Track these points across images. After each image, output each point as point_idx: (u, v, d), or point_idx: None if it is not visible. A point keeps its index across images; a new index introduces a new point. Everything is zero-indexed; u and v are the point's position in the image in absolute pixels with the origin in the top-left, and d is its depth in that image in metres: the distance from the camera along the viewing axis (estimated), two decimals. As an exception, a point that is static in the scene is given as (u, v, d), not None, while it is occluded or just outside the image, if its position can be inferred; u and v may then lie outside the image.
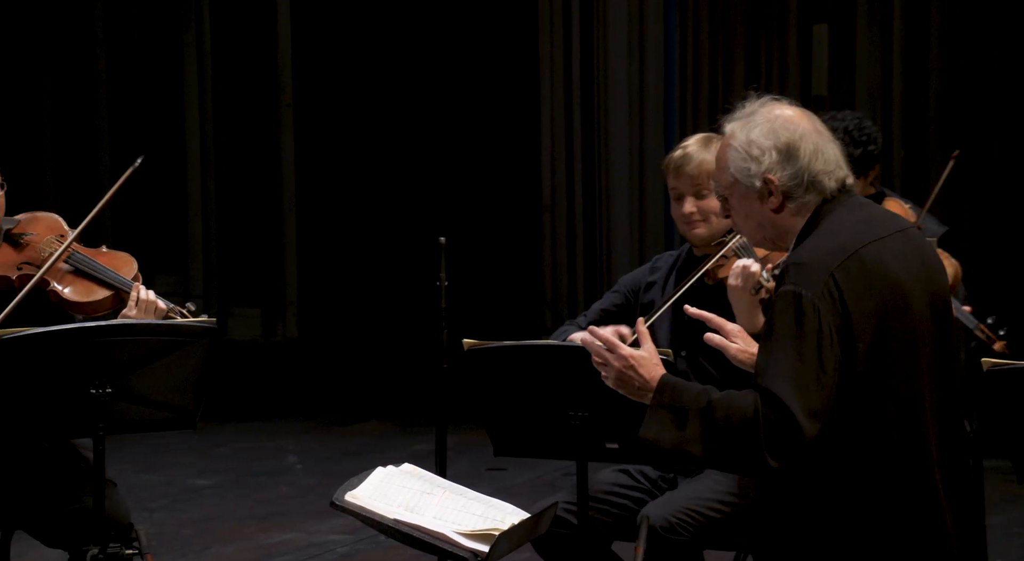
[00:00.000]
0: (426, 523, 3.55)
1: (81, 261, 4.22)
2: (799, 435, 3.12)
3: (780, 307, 3.19)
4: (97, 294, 4.17)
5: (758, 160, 3.30)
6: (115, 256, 4.29)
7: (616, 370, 3.33)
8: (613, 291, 4.36)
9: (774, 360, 3.16)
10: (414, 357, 7.79)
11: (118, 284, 4.19)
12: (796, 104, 3.39)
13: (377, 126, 9.04)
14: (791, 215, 3.31)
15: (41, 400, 3.93)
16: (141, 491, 6.29)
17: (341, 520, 5.32)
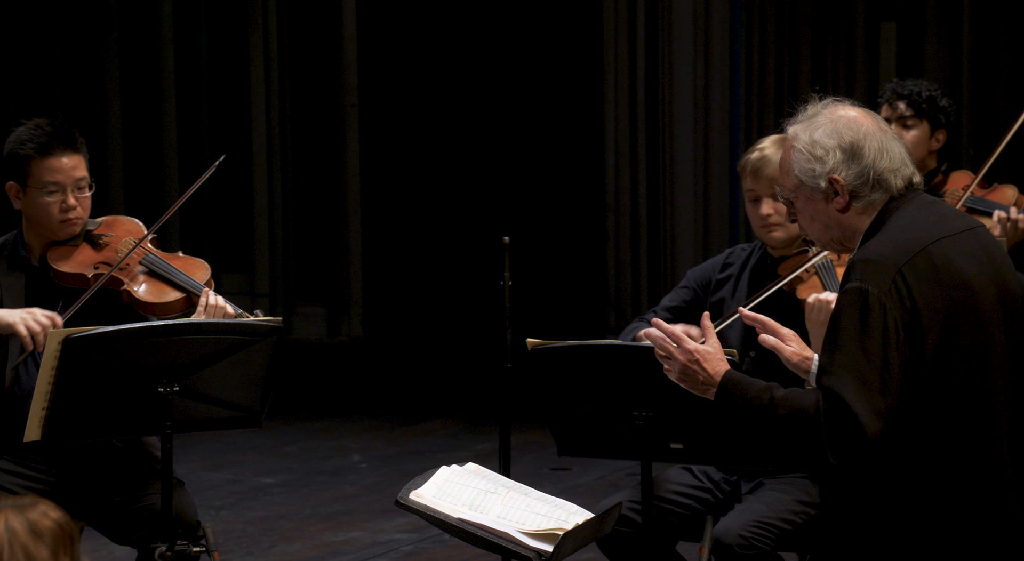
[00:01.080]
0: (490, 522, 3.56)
1: (155, 263, 4.26)
2: (861, 433, 3.10)
3: (846, 304, 3.18)
4: (168, 296, 4.21)
5: (822, 160, 3.29)
6: (189, 260, 4.33)
7: (680, 364, 3.33)
8: (681, 287, 4.34)
9: (838, 357, 3.15)
10: (478, 356, 7.80)
11: (190, 287, 4.22)
12: (859, 104, 3.37)
13: (442, 127, 9.06)
14: (858, 214, 3.30)
15: (110, 398, 3.97)
16: (208, 489, 6.34)
17: (406, 519, 5.34)
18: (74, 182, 4.20)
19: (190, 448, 6.68)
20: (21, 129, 4.25)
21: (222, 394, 4.06)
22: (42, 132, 4.21)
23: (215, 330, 4.03)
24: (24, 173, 4.20)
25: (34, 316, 4.04)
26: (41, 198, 4.19)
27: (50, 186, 4.18)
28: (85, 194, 4.24)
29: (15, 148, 4.22)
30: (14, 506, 2.49)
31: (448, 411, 7.95)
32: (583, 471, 6.70)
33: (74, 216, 4.22)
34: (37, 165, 4.18)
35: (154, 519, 4.06)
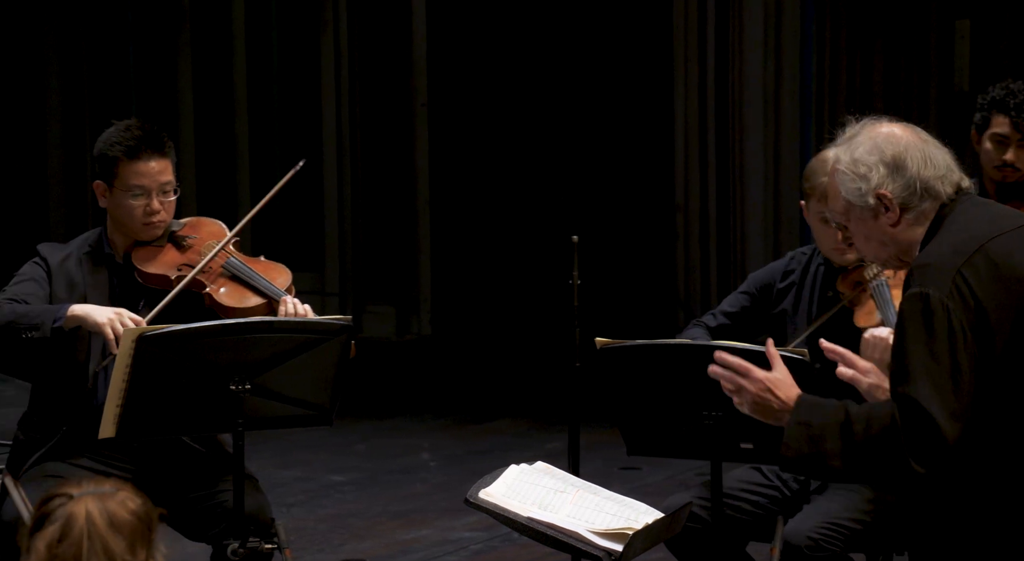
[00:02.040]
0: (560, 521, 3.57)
1: (237, 268, 4.29)
2: (941, 438, 3.08)
3: (908, 310, 3.16)
4: (250, 301, 4.24)
5: (867, 178, 3.28)
6: (271, 266, 4.36)
7: (752, 395, 3.29)
8: (741, 292, 4.30)
9: (907, 364, 3.13)
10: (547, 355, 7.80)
11: (271, 293, 4.25)
12: (897, 120, 3.36)
13: (510, 126, 9.07)
14: (910, 226, 3.28)
15: (183, 395, 4.00)
16: (279, 487, 6.37)
17: (475, 517, 5.34)
18: (159, 186, 4.24)
19: (261, 446, 6.71)
20: (111, 130, 4.29)
21: (293, 392, 4.09)
22: (131, 135, 4.24)
23: (286, 328, 4.05)
24: (111, 174, 4.25)
25: (121, 319, 4.08)
26: (126, 200, 4.24)
27: (136, 189, 4.22)
28: (170, 198, 4.28)
29: (104, 149, 4.26)
30: (95, 493, 2.51)
31: (517, 410, 7.95)
32: (652, 471, 6.69)
33: (157, 220, 4.26)
34: (124, 167, 4.22)
35: (228, 516, 4.09)
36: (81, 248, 4.31)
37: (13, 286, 4.23)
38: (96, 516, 2.48)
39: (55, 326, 4.08)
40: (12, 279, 4.28)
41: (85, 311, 4.11)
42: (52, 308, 4.14)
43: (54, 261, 4.28)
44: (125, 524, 2.49)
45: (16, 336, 4.08)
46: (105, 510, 2.49)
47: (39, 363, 4.18)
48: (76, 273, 4.26)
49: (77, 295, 4.23)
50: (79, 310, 4.11)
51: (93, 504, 2.49)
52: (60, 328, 4.08)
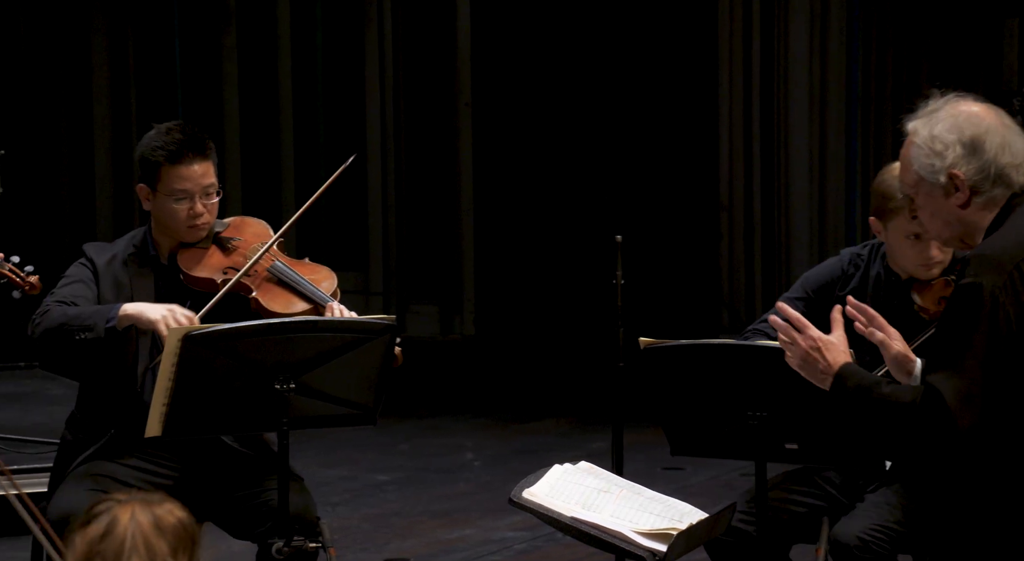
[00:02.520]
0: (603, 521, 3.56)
1: (283, 272, 4.30)
2: (953, 425, 3.08)
3: (958, 298, 3.15)
4: (295, 306, 4.25)
5: (942, 155, 3.25)
6: (316, 269, 4.37)
7: (802, 350, 3.33)
8: (796, 297, 4.19)
9: (944, 353, 3.13)
10: (590, 355, 7.79)
11: (316, 298, 4.26)
12: (982, 100, 3.33)
13: (554, 125, 9.06)
14: (979, 210, 3.26)
15: (228, 394, 4.02)
16: (323, 486, 6.39)
17: (519, 517, 5.34)
18: (202, 189, 4.26)
19: (306, 445, 6.73)
20: (153, 133, 4.30)
21: (337, 391, 4.10)
22: (173, 138, 4.25)
23: (330, 328, 4.06)
24: (154, 178, 4.26)
25: (174, 315, 4.10)
26: (170, 204, 4.25)
27: (179, 193, 4.24)
28: (213, 200, 4.29)
29: (147, 153, 4.28)
30: (143, 500, 2.53)
31: (560, 410, 7.95)
32: (696, 471, 6.67)
33: (201, 222, 4.27)
34: (167, 172, 4.24)
35: (273, 515, 4.10)
36: (126, 249, 4.33)
37: (62, 288, 4.26)
38: (141, 517, 2.50)
39: (108, 326, 4.10)
40: (60, 281, 4.31)
41: (137, 309, 4.13)
42: (104, 308, 4.16)
43: (100, 262, 4.30)
44: (169, 527, 2.51)
45: (69, 338, 4.11)
46: (151, 513, 2.51)
47: (89, 364, 4.20)
48: (122, 274, 4.28)
49: (124, 296, 4.25)
50: (131, 308, 4.13)
51: (139, 507, 2.52)
52: (113, 328, 4.10)
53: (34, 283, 4.50)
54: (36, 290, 4.51)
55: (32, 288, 4.49)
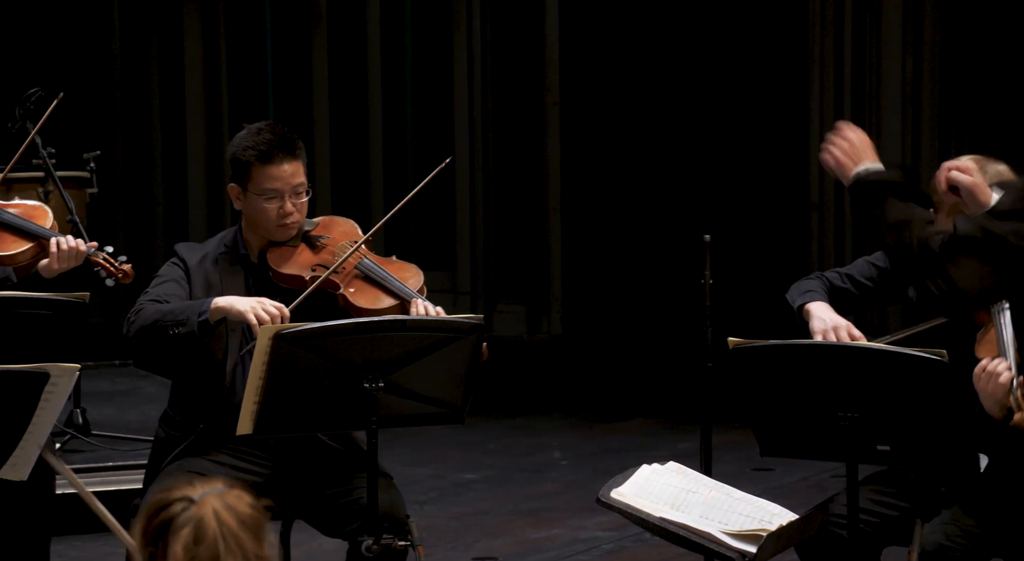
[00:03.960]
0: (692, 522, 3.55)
1: (370, 268, 4.34)
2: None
3: None
4: (383, 302, 4.28)
5: None
6: (403, 266, 4.40)
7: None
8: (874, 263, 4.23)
9: None
10: (679, 355, 7.75)
11: (403, 294, 4.29)
12: None
13: (643, 124, 9.04)
14: None
15: (318, 393, 4.04)
16: (411, 484, 6.41)
17: (606, 517, 5.33)
18: (292, 188, 4.30)
19: (394, 443, 6.76)
20: (243, 133, 4.35)
21: (425, 390, 4.11)
22: (263, 138, 4.30)
23: (418, 327, 4.08)
24: (245, 178, 4.31)
25: (263, 306, 4.16)
26: (260, 203, 4.30)
27: (269, 193, 4.29)
28: (302, 199, 4.34)
29: (237, 153, 4.33)
30: (214, 493, 2.54)
31: (648, 409, 7.92)
32: (786, 472, 6.62)
33: (291, 221, 4.32)
34: (258, 172, 4.29)
35: (362, 513, 4.12)
36: (217, 248, 4.38)
37: (155, 287, 4.32)
38: (224, 515, 2.51)
39: (200, 320, 4.15)
40: (152, 280, 4.37)
41: (228, 302, 4.19)
42: (195, 303, 4.22)
43: (192, 261, 4.36)
44: (248, 519, 2.53)
45: (163, 334, 4.17)
46: (230, 508, 2.52)
47: (181, 360, 4.25)
48: (213, 273, 4.33)
49: (215, 294, 4.30)
50: (222, 302, 4.19)
51: (217, 503, 2.52)
52: (206, 321, 4.16)
53: (127, 271, 4.56)
54: (129, 278, 4.57)
55: (125, 276, 4.56)
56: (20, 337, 4.25)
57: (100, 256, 4.57)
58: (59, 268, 4.51)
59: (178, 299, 4.28)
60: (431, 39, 9.48)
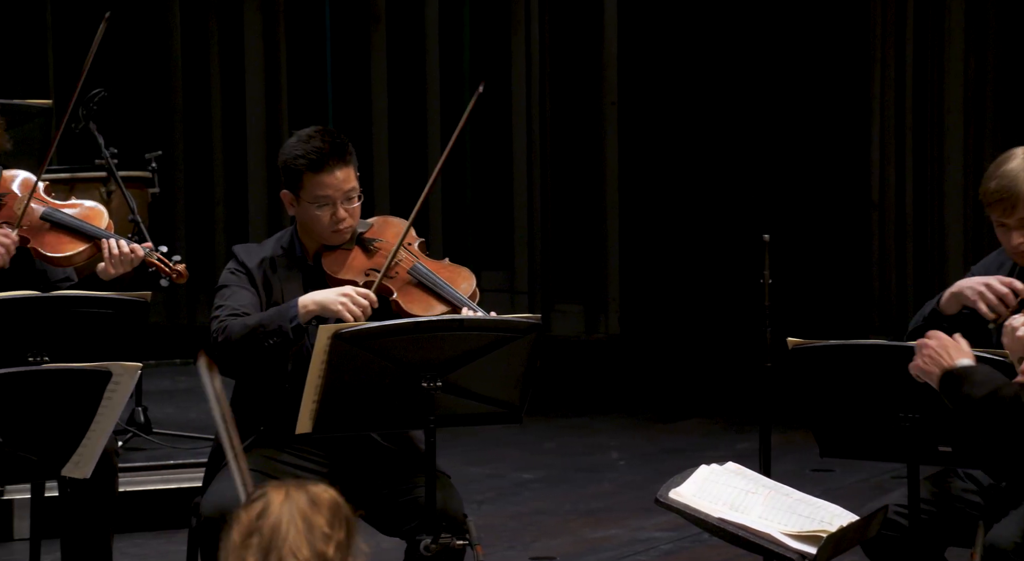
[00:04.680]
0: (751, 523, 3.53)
1: (423, 274, 4.35)
2: None
3: None
4: (435, 309, 4.29)
5: None
6: (456, 271, 4.41)
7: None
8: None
9: None
10: (737, 355, 7.72)
11: (456, 301, 4.30)
12: None
13: (701, 124, 9.01)
14: None
15: (376, 392, 4.06)
16: (470, 483, 6.42)
17: (665, 517, 5.32)
18: (344, 194, 4.32)
19: (451, 442, 6.78)
20: (294, 140, 4.36)
21: (483, 390, 4.12)
22: (314, 146, 4.31)
23: (476, 327, 4.09)
24: (297, 185, 4.33)
25: (353, 299, 4.17)
26: (312, 210, 4.32)
27: (321, 199, 4.31)
28: (355, 204, 4.36)
29: (289, 161, 4.35)
30: (296, 485, 2.57)
31: (706, 410, 7.90)
32: (846, 473, 6.58)
33: (343, 227, 4.34)
34: (309, 179, 4.31)
35: (420, 512, 4.13)
36: (275, 250, 4.41)
37: (228, 300, 4.30)
38: (296, 495, 2.53)
39: (293, 325, 4.16)
40: (219, 292, 4.35)
41: (316, 300, 4.20)
42: (281, 310, 4.22)
43: (251, 264, 4.38)
44: (325, 502, 2.54)
45: (259, 346, 4.17)
46: (305, 491, 2.55)
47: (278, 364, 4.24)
48: (271, 276, 4.36)
49: (273, 297, 4.32)
50: (310, 303, 4.20)
51: (294, 488, 2.55)
52: (299, 325, 4.17)
53: (181, 271, 4.59)
54: (183, 279, 4.60)
55: (179, 276, 4.59)
56: (83, 336, 4.29)
57: (155, 256, 4.60)
58: (114, 272, 4.54)
59: (254, 307, 4.28)
60: (489, 39, 9.49)
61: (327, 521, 2.53)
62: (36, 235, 4.62)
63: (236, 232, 9.33)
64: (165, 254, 4.61)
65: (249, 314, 4.24)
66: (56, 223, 4.64)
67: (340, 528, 2.54)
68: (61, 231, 4.63)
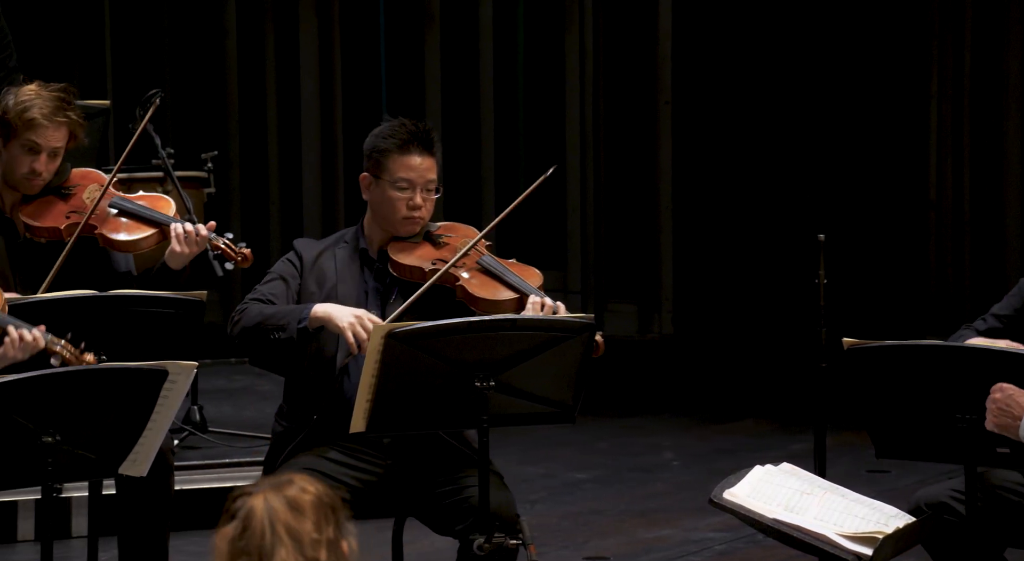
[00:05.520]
0: (806, 524, 3.52)
1: (490, 264, 4.38)
2: None
3: None
4: (501, 294, 4.31)
5: None
6: (524, 268, 4.45)
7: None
8: (1014, 294, 4.14)
9: None
10: (792, 355, 7.68)
11: (523, 289, 4.32)
12: None
13: (756, 123, 8.97)
14: None
15: (429, 391, 4.07)
16: (523, 483, 6.42)
17: (719, 517, 5.30)
18: (424, 183, 4.37)
19: (504, 442, 6.78)
20: (384, 125, 4.45)
21: (536, 389, 4.12)
22: (404, 130, 4.40)
23: (529, 326, 4.09)
24: (380, 166, 4.39)
25: (362, 322, 4.19)
26: (391, 192, 4.37)
27: (401, 182, 4.36)
28: (432, 197, 4.39)
29: (376, 142, 4.42)
30: (273, 484, 2.48)
31: (760, 410, 7.87)
32: (902, 474, 6.54)
33: (418, 215, 4.38)
34: (393, 160, 4.37)
35: (473, 511, 4.13)
36: (337, 243, 4.45)
37: (263, 285, 4.38)
38: (276, 503, 2.44)
39: (300, 327, 4.20)
40: (265, 276, 4.43)
41: (327, 313, 4.22)
42: (297, 309, 4.26)
43: (309, 256, 4.41)
44: (306, 504, 2.45)
45: (264, 337, 4.22)
46: (284, 497, 2.45)
47: (289, 359, 4.30)
48: (329, 267, 4.38)
49: (328, 287, 4.35)
50: (321, 312, 4.23)
51: (271, 493, 2.46)
52: (305, 329, 4.20)
53: (247, 255, 4.63)
54: (248, 262, 4.64)
55: (244, 260, 4.63)
56: (140, 335, 4.32)
57: (220, 241, 4.64)
58: (182, 252, 4.57)
59: (282, 299, 4.32)
60: (543, 38, 9.49)
61: (314, 524, 2.44)
62: (103, 222, 4.67)
63: (291, 231, 9.37)
64: (230, 240, 4.66)
65: (275, 303, 4.28)
66: (124, 211, 4.69)
67: (328, 524, 2.45)
68: (128, 218, 4.68)
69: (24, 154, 4.59)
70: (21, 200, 4.67)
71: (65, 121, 4.59)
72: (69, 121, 4.60)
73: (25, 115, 4.55)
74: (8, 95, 4.61)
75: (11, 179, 4.64)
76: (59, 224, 4.63)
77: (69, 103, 4.63)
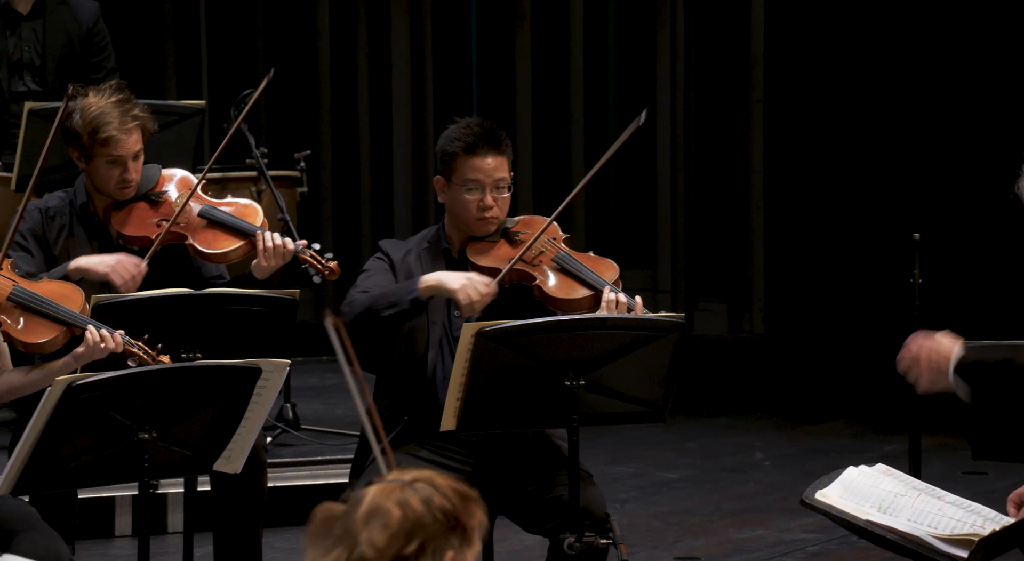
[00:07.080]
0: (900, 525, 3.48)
1: (566, 260, 4.39)
2: None
3: None
4: (577, 292, 4.31)
5: None
6: (599, 261, 4.44)
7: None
8: None
9: None
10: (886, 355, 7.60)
11: (596, 284, 4.31)
12: None
13: (848, 120, 8.90)
14: None
15: (519, 390, 4.07)
16: (613, 482, 6.41)
17: (811, 518, 5.27)
18: (494, 182, 4.37)
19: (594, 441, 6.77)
20: (453, 127, 4.46)
21: (626, 389, 4.11)
22: (471, 132, 4.40)
23: (618, 326, 4.09)
24: (450, 169, 4.41)
25: (474, 284, 4.22)
26: (461, 194, 4.37)
27: (470, 183, 4.36)
28: (503, 195, 4.40)
29: (445, 145, 4.44)
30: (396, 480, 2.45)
31: (853, 411, 7.80)
32: (1000, 476, 6.45)
33: (490, 215, 4.38)
34: (462, 162, 4.37)
35: (564, 510, 4.14)
36: (420, 244, 4.47)
37: (363, 281, 4.42)
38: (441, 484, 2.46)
39: (411, 297, 4.23)
40: (359, 276, 4.47)
41: (437, 279, 4.27)
42: (404, 284, 4.32)
43: (396, 256, 4.44)
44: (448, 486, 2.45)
45: (376, 317, 4.26)
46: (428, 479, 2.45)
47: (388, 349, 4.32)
48: (415, 266, 4.42)
49: None
50: (431, 279, 4.27)
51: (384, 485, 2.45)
52: (417, 299, 4.24)
53: (333, 268, 4.66)
54: (335, 275, 4.67)
55: (331, 273, 4.66)
56: (234, 333, 4.37)
57: (308, 253, 4.67)
58: (267, 265, 4.61)
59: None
60: (634, 37, 9.47)
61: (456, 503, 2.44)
62: (194, 232, 4.71)
63: (382, 231, 9.42)
64: (317, 252, 4.69)
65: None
66: (213, 220, 4.73)
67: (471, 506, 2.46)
68: (217, 228, 4.72)
69: (110, 168, 4.64)
70: (113, 206, 4.72)
71: (136, 124, 4.63)
72: (139, 122, 4.64)
73: (99, 135, 4.58)
74: (74, 114, 4.61)
75: (104, 190, 4.69)
76: (150, 233, 4.68)
77: (130, 102, 4.66)
